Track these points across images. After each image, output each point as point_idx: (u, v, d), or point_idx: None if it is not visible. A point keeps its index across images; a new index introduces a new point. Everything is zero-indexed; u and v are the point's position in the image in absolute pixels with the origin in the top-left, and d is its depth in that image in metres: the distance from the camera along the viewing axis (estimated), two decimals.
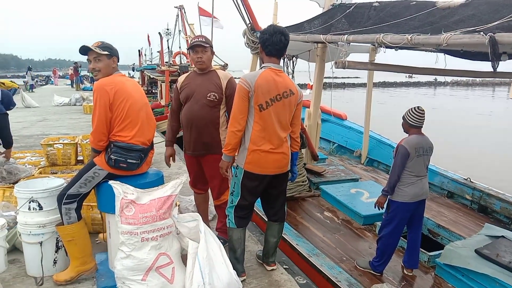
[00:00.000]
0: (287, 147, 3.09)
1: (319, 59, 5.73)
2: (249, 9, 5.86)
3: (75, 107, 16.55)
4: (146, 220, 2.68)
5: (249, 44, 6.07)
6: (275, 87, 2.95)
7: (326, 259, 3.87)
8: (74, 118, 13.00)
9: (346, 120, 8.72)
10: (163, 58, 18.18)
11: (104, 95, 2.85)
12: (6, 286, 3.01)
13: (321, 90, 6.05)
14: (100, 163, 2.91)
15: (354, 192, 5.50)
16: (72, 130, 10.29)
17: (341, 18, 4.81)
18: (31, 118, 12.81)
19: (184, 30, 18.77)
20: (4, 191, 4.15)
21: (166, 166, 3.82)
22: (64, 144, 5.64)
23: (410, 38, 3.26)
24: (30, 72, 28.27)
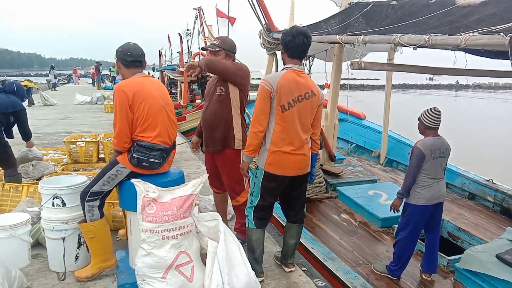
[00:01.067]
0: (307, 148, 3.08)
1: (336, 58, 5.69)
2: (265, 10, 5.86)
3: (96, 105, 16.83)
4: (167, 219, 2.70)
5: (264, 45, 6.08)
6: (297, 88, 2.94)
7: (341, 263, 3.83)
8: (95, 117, 13.22)
9: (364, 119, 8.61)
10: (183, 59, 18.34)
11: (123, 97, 2.88)
12: (30, 280, 3.07)
13: (338, 89, 6.01)
14: (123, 162, 2.95)
15: (372, 193, 5.44)
16: (93, 128, 10.46)
17: (358, 17, 4.76)
18: (53, 116, 13.06)
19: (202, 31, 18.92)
20: (28, 187, 4.24)
21: (186, 166, 3.87)
22: (86, 142, 5.74)
23: (427, 39, 3.20)
24: (53, 71, 28.83)
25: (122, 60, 3.03)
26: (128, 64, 3.03)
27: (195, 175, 5.94)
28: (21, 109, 4.57)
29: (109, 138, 5.99)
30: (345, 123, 8.42)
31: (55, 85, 27.80)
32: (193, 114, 12.61)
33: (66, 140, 5.75)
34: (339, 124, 6.39)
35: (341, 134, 7.97)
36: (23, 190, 4.19)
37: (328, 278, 3.65)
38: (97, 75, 28.58)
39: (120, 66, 3.07)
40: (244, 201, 3.54)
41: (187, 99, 14.90)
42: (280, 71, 3.09)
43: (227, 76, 3.41)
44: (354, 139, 8.44)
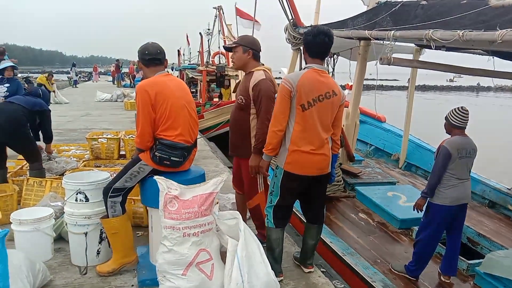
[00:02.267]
0: (328, 148, 3.06)
1: (361, 57, 5.62)
2: (292, 4, 5.83)
3: (116, 103, 17.05)
4: (188, 216, 2.72)
5: (290, 40, 6.04)
6: (318, 87, 2.93)
7: (360, 259, 3.80)
8: (115, 114, 13.40)
9: (384, 122, 8.52)
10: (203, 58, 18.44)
11: (146, 97, 2.90)
12: (52, 273, 3.12)
13: (361, 89, 5.94)
14: (145, 159, 2.98)
15: (391, 195, 5.37)
16: (113, 125, 10.61)
17: (386, 16, 4.69)
18: (74, 113, 13.28)
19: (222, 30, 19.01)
20: (52, 182, 4.32)
21: (204, 164, 3.91)
22: (108, 138, 5.83)
23: (461, 35, 3.11)
24: (74, 68, 29.33)
25: (142, 59, 3.07)
26: (147, 63, 3.06)
27: (213, 173, 5.97)
28: (46, 110, 4.71)
29: (130, 135, 6.06)
30: (365, 125, 8.34)
31: (76, 82, 28.27)
32: (211, 112, 12.68)
33: (88, 137, 5.84)
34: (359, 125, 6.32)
35: (361, 136, 7.89)
36: (47, 185, 4.28)
37: (346, 274, 3.62)
38: (117, 73, 28.96)
39: (142, 66, 3.12)
40: (255, 206, 3.59)
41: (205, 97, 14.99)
42: (301, 71, 3.09)
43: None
44: (374, 142, 8.35)
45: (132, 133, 6.31)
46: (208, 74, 15.00)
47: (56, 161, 5.07)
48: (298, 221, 4.60)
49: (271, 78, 3.51)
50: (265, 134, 3.19)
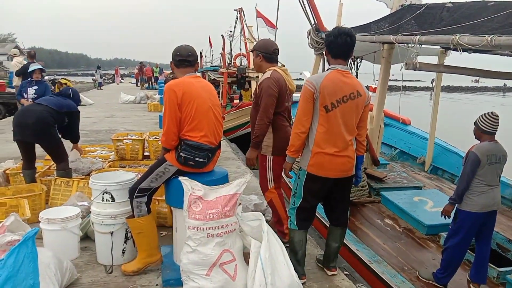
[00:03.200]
0: (352, 150, 3.03)
1: (385, 61, 5.55)
2: (315, 9, 5.80)
3: (139, 105, 17.29)
4: (212, 217, 2.74)
5: (313, 45, 6.01)
6: (342, 88, 2.91)
7: (387, 267, 3.73)
8: (139, 115, 13.59)
9: (409, 125, 8.39)
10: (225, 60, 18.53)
11: (173, 96, 2.95)
12: (79, 271, 3.19)
13: (385, 92, 5.86)
14: (170, 160, 3.01)
15: (417, 200, 5.26)
16: (137, 126, 10.76)
17: (410, 19, 4.62)
18: (100, 114, 13.54)
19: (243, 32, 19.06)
20: (78, 182, 4.41)
21: (226, 165, 3.95)
22: (133, 139, 5.92)
23: (490, 40, 3.04)
24: (99, 70, 29.91)
25: (173, 60, 3.14)
26: (178, 63, 3.12)
27: (235, 174, 5.99)
28: (75, 111, 4.81)
29: (154, 137, 6.15)
30: (390, 128, 8.21)
31: (101, 84, 28.81)
32: (231, 114, 12.73)
33: (114, 138, 5.95)
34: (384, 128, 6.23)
35: (385, 139, 7.77)
36: (74, 185, 4.37)
37: (372, 282, 3.57)
38: (140, 75, 29.38)
39: (173, 67, 3.18)
40: (269, 201, 3.77)
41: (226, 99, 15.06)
42: (324, 72, 3.07)
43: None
44: (399, 145, 8.22)
45: (156, 134, 6.39)
46: (230, 76, 15.07)
47: (82, 162, 5.17)
48: (321, 223, 4.57)
49: (279, 76, 3.57)
50: (261, 130, 3.52)
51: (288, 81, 3.66)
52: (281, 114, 3.67)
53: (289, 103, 3.74)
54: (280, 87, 3.54)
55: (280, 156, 3.64)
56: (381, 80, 5.65)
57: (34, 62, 9.04)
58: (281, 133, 3.62)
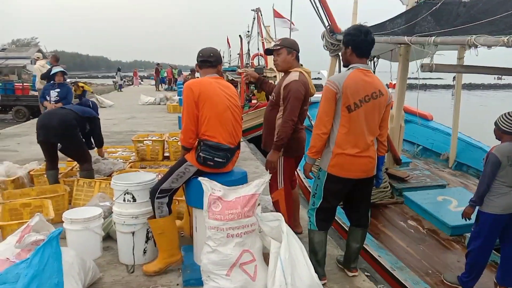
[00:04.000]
0: (373, 150, 2.99)
1: (402, 58, 5.47)
2: (328, 11, 5.75)
3: (159, 106, 17.49)
4: (232, 217, 2.75)
5: (327, 47, 5.96)
6: (364, 88, 2.87)
7: (410, 273, 3.65)
8: (159, 117, 13.74)
9: (432, 121, 8.22)
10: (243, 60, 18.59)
11: (190, 94, 2.98)
12: (101, 271, 3.24)
13: (404, 90, 5.77)
14: (190, 160, 3.04)
15: (441, 199, 5.16)
16: (157, 127, 10.87)
17: (426, 16, 4.53)
18: (120, 116, 13.73)
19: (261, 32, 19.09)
20: (100, 182, 4.48)
21: (245, 165, 3.95)
22: (153, 140, 5.99)
23: (506, 41, 2.95)
24: (119, 73, 30.36)
25: (197, 61, 3.20)
26: (200, 64, 3.20)
27: (254, 175, 5.98)
28: (95, 117, 4.93)
29: (174, 138, 6.21)
30: (412, 125, 8.06)
31: (121, 86, 29.23)
32: (249, 114, 12.73)
33: (134, 139, 6.03)
34: (405, 125, 6.14)
35: (407, 136, 7.63)
36: (96, 186, 4.45)
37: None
38: (157, 77, 29.70)
39: (198, 68, 3.26)
40: (275, 201, 3.75)
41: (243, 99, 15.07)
42: (345, 71, 3.02)
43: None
44: (421, 142, 8.05)
45: (175, 135, 6.45)
46: None
47: (104, 163, 5.26)
48: (341, 224, 4.53)
49: (305, 80, 3.53)
50: (286, 132, 3.42)
51: (310, 84, 3.63)
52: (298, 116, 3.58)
53: (307, 106, 3.70)
54: (306, 91, 3.51)
55: (291, 158, 3.67)
56: (399, 78, 5.58)
57: (57, 65, 9.24)
58: (294, 134, 3.58)
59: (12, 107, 15.95)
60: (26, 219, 3.68)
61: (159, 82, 29.24)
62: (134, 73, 38.26)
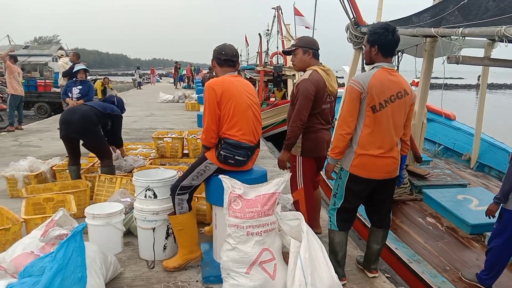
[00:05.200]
0: (397, 151, 2.95)
1: (427, 54, 5.37)
2: (353, 3, 5.69)
3: (178, 104, 17.63)
4: (252, 215, 2.75)
5: (351, 39, 5.89)
6: (389, 87, 2.82)
7: (428, 267, 3.61)
8: (177, 114, 13.84)
9: (454, 120, 8.07)
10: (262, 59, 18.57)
11: (212, 94, 2.98)
12: (122, 266, 3.28)
13: (428, 87, 5.66)
14: (211, 158, 3.05)
15: (462, 198, 5.06)
16: (176, 125, 10.95)
17: (454, 11, 4.43)
18: (140, 113, 13.88)
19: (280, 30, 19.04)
20: (121, 179, 4.53)
21: (263, 164, 3.94)
22: (173, 138, 6.04)
23: None
24: (138, 70, 30.70)
25: (217, 58, 3.17)
26: (221, 62, 3.17)
27: (272, 173, 5.97)
28: (118, 114, 4.98)
29: (193, 135, 6.25)
30: (433, 124, 7.91)
31: (140, 84, 29.55)
32: (267, 112, 12.73)
33: (154, 136, 6.10)
34: (427, 124, 6.03)
35: (429, 135, 7.51)
36: (117, 182, 4.50)
37: (412, 282, 3.46)
38: (176, 75, 29.92)
39: (215, 65, 3.22)
40: (295, 201, 3.75)
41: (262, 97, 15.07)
42: (370, 70, 2.96)
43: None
44: (443, 141, 7.91)
45: (194, 133, 6.49)
46: (266, 74, 15.08)
47: (125, 159, 5.32)
48: (361, 224, 4.48)
49: (319, 78, 3.45)
50: (293, 132, 3.44)
51: (328, 81, 3.51)
52: (316, 115, 3.55)
53: (327, 105, 3.61)
54: (318, 89, 3.43)
55: (309, 158, 3.62)
56: (423, 74, 5.48)
57: (78, 62, 9.40)
58: (311, 134, 3.55)
59: (35, 104, 16.25)
60: (49, 213, 3.77)
61: (177, 80, 29.45)
62: (151, 70, 38.48)
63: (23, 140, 8.85)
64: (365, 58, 3.07)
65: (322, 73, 3.50)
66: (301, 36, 3.95)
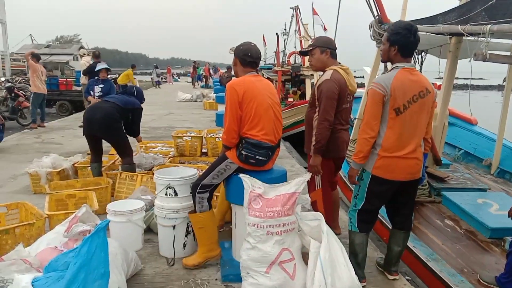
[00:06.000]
0: (421, 152, 2.90)
1: (452, 55, 5.27)
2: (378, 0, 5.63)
3: (196, 103, 17.75)
4: (272, 215, 2.75)
5: (375, 37, 5.81)
6: (411, 87, 2.78)
7: (446, 265, 3.55)
8: (195, 113, 13.94)
9: (476, 125, 7.93)
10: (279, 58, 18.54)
11: (234, 94, 2.99)
12: (142, 262, 3.32)
13: (451, 88, 5.56)
14: (231, 157, 3.06)
15: (481, 202, 4.96)
16: (194, 124, 11.02)
17: (481, 11, 4.34)
18: (159, 112, 14.01)
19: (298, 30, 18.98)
20: (142, 176, 4.59)
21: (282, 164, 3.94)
22: (192, 137, 6.08)
23: None
24: (156, 70, 30.96)
25: (241, 59, 3.17)
26: (246, 63, 3.17)
27: (290, 173, 5.91)
28: (139, 107, 5.03)
29: (212, 134, 6.28)
30: (454, 128, 7.80)
31: (159, 83, 29.81)
32: (285, 112, 12.70)
33: (174, 135, 6.15)
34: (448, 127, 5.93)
35: (449, 139, 7.39)
36: (138, 179, 4.55)
37: (430, 281, 3.41)
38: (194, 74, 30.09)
39: (237, 63, 3.22)
40: (313, 202, 3.70)
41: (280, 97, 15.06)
42: (390, 72, 2.91)
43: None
44: (463, 145, 7.78)
45: (213, 132, 6.52)
46: (283, 74, 15.06)
47: (145, 157, 5.38)
48: (380, 226, 4.44)
49: (340, 78, 3.41)
50: (323, 134, 3.33)
51: (348, 81, 3.49)
52: (336, 116, 3.48)
53: (347, 105, 3.57)
54: (340, 89, 3.39)
55: (329, 159, 3.56)
56: (446, 75, 5.39)
57: (99, 61, 9.54)
58: (332, 135, 3.48)
59: (56, 102, 16.55)
60: (71, 209, 3.84)
61: (195, 80, 29.63)
62: (167, 70, 38.49)
63: (45, 138, 9.03)
64: (382, 56, 3.00)
65: (343, 73, 3.47)
66: (318, 36, 3.93)
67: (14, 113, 11.77)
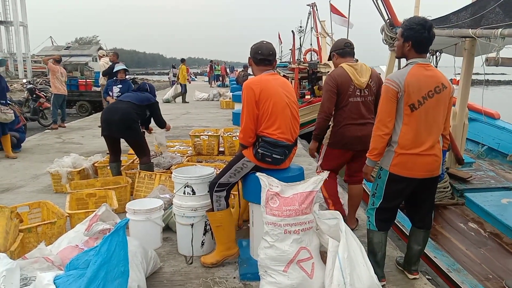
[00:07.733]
0: (439, 148, 2.85)
1: (467, 53, 5.16)
2: (388, 4, 5.56)
3: (213, 102, 17.85)
4: (290, 213, 2.74)
5: (387, 41, 5.75)
6: (426, 83, 2.73)
7: (468, 276, 3.46)
8: (212, 112, 14.00)
9: (499, 119, 7.72)
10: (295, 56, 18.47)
11: (251, 93, 2.99)
12: (161, 261, 3.35)
13: (469, 86, 5.45)
14: (248, 156, 3.06)
15: (506, 202, 4.85)
16: (211, 123, 11.07)
17: (494, 8, 4.24)
18: (176, 111, 14.13)
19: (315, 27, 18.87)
20: (160, 175, 4.63)
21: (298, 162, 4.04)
22: (209, 136, 6.11)
23: None
24: (173, 69, 31.16)
25: (253, 57, 3.18)
26: (258, 61, 3.17)
27: (307, 171, 5.90)
28: (154, 102, 5.06)
29: (228, 133, 6.31)
30: (476, 123, 7.60)
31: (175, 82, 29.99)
32: (302, 109, 12.64)
33: (192, 134, 6.20)
34: (469, 124, 5.81)
35: (471, 135, 7.21)
36: (156, 178, 4.60)
37: None
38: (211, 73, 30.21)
39: (251, 63, 3.23)
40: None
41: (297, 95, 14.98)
42: (405, 68, 2.86)
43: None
44: (486, 141, 7.59)
45: (230, 130, 6.54)
46: (300, 72, 14.99)
47: (163, 157, 5.44)
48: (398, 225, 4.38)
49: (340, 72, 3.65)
50: (318, 124, 3.77)
51: (354, 76, 3.61)
52: (343, 109, 3.69)
53: (358, 98, 3.66)
54: (338, 82, 3.61)
55: (335, 149, 3.81)
56: (463, 74, 5.28)
57: (118, 62, 9.67)
58: (338, 129, 3.72)
59: (76, 102, 16.84)
60: (91, 208, 3.90)
61: (212, 79, 29.75)
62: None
63: (65, 138, 9.20)
64: (397, 52, 2.95)
65: (348, 68, 3.65)
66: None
67: (35, 114, 12.05)
